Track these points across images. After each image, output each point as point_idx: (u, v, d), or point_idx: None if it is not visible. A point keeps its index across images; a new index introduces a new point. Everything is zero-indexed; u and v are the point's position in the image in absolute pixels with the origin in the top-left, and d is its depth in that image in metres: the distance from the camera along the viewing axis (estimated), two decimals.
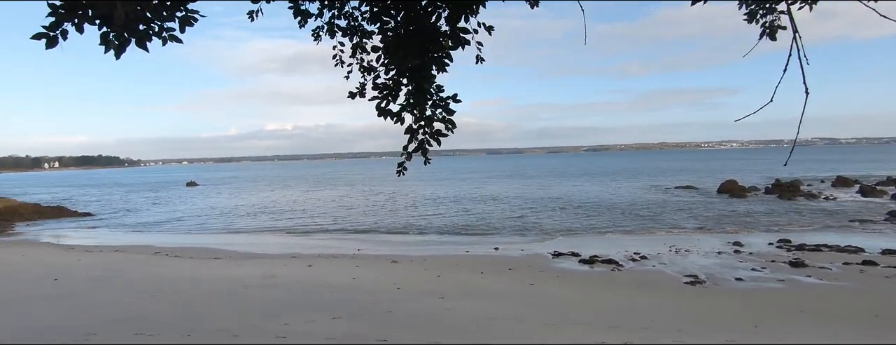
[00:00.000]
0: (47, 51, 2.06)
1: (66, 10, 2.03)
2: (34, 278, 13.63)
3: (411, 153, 3.29)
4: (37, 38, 2.05)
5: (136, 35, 2.22)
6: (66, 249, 20.64)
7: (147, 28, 2.26)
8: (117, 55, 2.23)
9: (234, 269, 15.39)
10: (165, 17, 2.26)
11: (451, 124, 3.09)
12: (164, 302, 10.79)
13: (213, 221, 32.61)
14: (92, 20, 2.09)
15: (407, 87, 3.10)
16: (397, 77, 3.08)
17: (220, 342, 7.79)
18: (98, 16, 2.06)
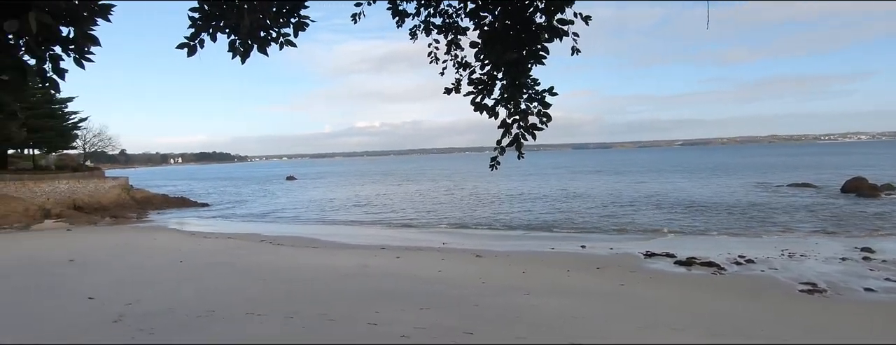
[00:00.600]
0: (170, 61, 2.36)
1: (203, 21, 2.31)
2: (165, 261, 15.54)
3: (504, 148, 3.29)
4: (180, 47, 2.37)
5: (257, 41, 2.46)
6: (188, 235, 23.28)
7: (266, 35, 2.50)
8: (242, 60, 2.50)
9: (330, 258, 16.41)
10: (282, 23, 2.48)
11: (546, 118, 3.05)
12: (270, 286, 11.80)
13: (310, 213, 35.01)
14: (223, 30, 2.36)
15: (502, 81, 3.11)
16: (493, 72, 3.10)
17: (319, 325, 8.37)
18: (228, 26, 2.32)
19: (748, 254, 15.86)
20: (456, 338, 7.57)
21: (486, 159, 3.67)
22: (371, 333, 7.91)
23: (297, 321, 8.63)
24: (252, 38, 2.45)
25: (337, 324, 8.52)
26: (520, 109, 3.11)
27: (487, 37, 2.94)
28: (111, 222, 29.27)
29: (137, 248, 18.49)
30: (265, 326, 8.38)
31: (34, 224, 27.31)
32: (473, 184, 59.56)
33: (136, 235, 23.29)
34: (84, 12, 1.71)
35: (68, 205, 31.58)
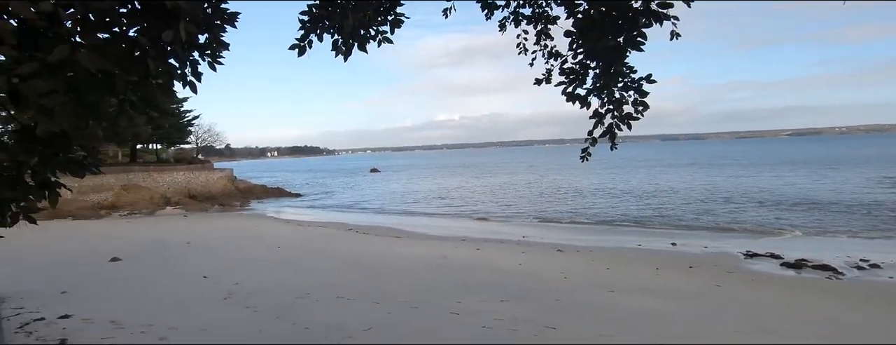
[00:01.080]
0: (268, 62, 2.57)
1: (311, 23, 2.51)
2: (265, 246, 16.94)
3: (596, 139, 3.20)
4: (292, 48, 2.60)
5: (358, 40, 2.62)
6: (284, 222, 25.17)
7: (366, 33, 2.65)
8: (345, 58, 2.68)
9: (412, 248, 16.93)
10: (380, 22, 2.62)
11: (643, 106, 2.92)
12: (358, 273, 12.45)
13: (393, 205, 36.31)
14: (328, 31, 2.55)
15: (595, 70, 3.02)
16: (586, 60, 3.03)
17: (403, 312, 8.72)
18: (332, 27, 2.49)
19: (873, 258, 14.06)
20: (537, 332, 7.53)
21: (567, 152, 3.60)
22: (453, 322, 8.09)
23: (383, 307, 9.05)
24: (353, 37, 2.61)
25: (420, 312, 8.81)
26: (614, 98, 3.00)
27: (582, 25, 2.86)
28: (219, 210, 32.41)
29: (242, 233, 20.32)
30: (354, 310, 8.87)
31: (158, 210, 30.98)
32: (554, 177, 58.25)
33: (240, 221, 25.61)
34: (216, 20, 1.94)
35: (184, 194, 35.39)
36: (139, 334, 6.89)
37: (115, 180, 31.23)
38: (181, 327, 7.39)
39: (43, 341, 6.44)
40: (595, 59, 2.94)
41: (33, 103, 1.43)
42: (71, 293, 9.66)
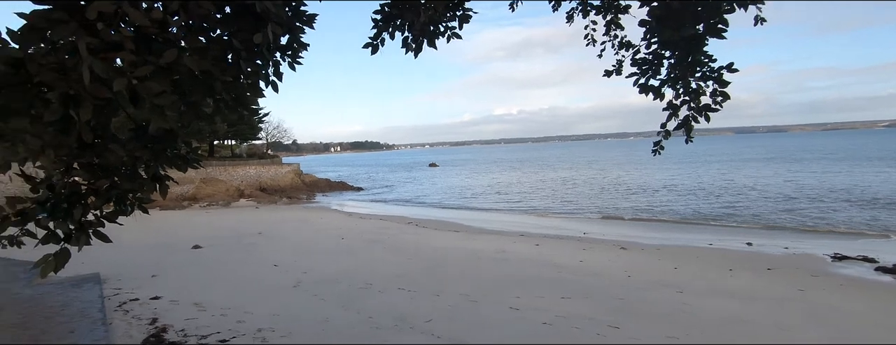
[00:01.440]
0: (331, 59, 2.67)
1: (384, 22, 2.60)
2: (330, 237, 17.66)
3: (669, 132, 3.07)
4: (365, 46, 2.71)
5: (428, 36, 2.68)
6: (347, 215, 26.08)
7: (435, 29, 2.70)
8: (415, 54, 2.75)
9: (470, 242, 17.01)
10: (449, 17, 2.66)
11: (723, 97, 2.75)
12: (418, 265, 12.69)
13: (451, 199, 36.60)
14: (400, 28, 2.63)
15: (669, 60, 2.89)
16: (660, 50, 2.90)
17: (463, 305, 8.80)
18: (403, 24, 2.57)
19: None
20: (600, 330, 7.35)
21: (630, 146, 3.48)
22: (513, 317, 8.08)
23: (443, 300, 9.18)
24: (424, 34, 2.67)
25: (480, 306, 8.86)
26: (690, 88, 2.86)
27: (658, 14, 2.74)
28: (287, 202, 34.11)
29: (308, 225, 21.30)
30: (415, 301, 9.07)
31: (232, 202, 33.09)
32: (617, 172, 56.22)
33: (306, 213, 26.83)
34: (297, 22, 2.06)
35: (256, 187, 37.54)
36: (219, 317, 7.44)
37: (195, 174, 33.65)
38: (256, 311, 7.89)
39: (138, 319, 7.11)
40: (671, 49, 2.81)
41: (148, 102, 1.60)
42: (160, 277, 10.57)
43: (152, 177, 1.93)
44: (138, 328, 6.66)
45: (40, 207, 1.69)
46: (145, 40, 1.64)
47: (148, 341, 6.07)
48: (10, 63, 1.38)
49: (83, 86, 1.41)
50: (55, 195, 1.69)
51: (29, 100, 1.44)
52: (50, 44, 1.47)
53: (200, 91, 1.78)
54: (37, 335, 5.78)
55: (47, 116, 1.43)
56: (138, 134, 1.82)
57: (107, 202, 1.84)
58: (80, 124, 1.48)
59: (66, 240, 1.75)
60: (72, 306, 7.08)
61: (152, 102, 1.57)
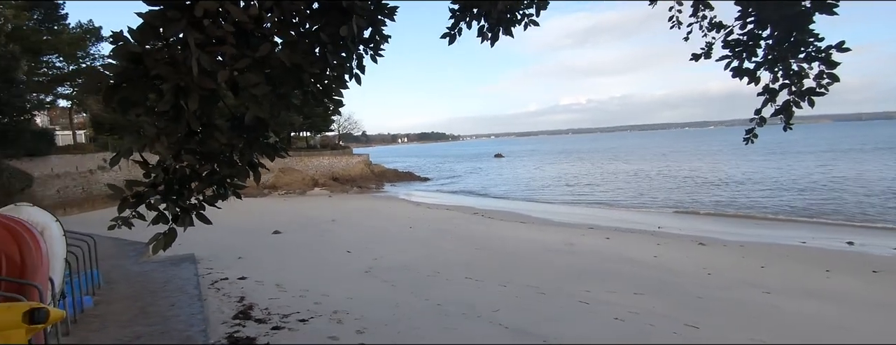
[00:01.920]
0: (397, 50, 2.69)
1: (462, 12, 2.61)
2: (399, 226, 18.14)
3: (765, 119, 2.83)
4: (443, 37, 2.75)
5: (504, 24, 2.66)
6: (415, 205, 26.65)
7: (512, 17, 2.67)
8: (492, 43, 2.74)
9: (537, 233, 16.80)
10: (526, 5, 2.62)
11: (831, 79, 2.48)
12: (485, 255, 12.74)
13: (517, 190, 36.28)
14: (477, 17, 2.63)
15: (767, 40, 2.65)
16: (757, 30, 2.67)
17: (531, 297, 8.73)
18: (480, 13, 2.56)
19: None
20: (677, 329, 7.01)
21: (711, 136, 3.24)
22: (582, 310, 7.90)
23: (510, 290, 9.16)
24: (500, 22, 2.65)
25: (548, 298, 8.74)
26: (792, 71, 2.60)
27: None
28: (358, 191, 35.44)
29: (378, 213, 22.01)
30: (482, 291, 9.12)
31: (307, 190, 34.90)
32: (696, 164, 52.92)
33: (375, 202, 27.74)
34: (379, 15, 2.12)
35: (329, 176, 39.30)
36: (299, 298, 7.90)
37: (274, 164, 35.84)
38: (332, 294, 8.30)
39: (228, 297, 7.73)
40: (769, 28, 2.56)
41: (246, 93, 1.74)
42: (245, 259, 11.39)
43: (248, 164, 2.09)
44: (228, 305, 7.24)
45: (152, 189, 1.89)
46: (243, 35, 1.77)
47: (237, 317, 6.58)
48: (130, 58, 1.55)
49: (191, 78, 1.56)
50: (167, 179, 1.89)
51: (145, 92, 1.61)
52: (163, 40, 1.63)
53: (291, 83, 1.90)
54: (145, 307, 6.46)
55: (160, 107, 1.60)
56: (235, 124, 1.98)
57: (209, 187, 2.03)
58: (188, 113, 1.63)
59: (173, 221, 1.95)
60: (172, 282, 7.83)
61: (249, 93, 1.70)
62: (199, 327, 5.68)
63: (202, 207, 2.05)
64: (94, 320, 5.94)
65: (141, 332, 5.52)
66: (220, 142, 1.87)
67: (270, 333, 6.12)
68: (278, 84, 1.91)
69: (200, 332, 5.49)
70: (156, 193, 1.93)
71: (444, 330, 6.70)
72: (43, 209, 5.76)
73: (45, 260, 4.97)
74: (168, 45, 1.64)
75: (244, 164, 2.08)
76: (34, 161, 20.10)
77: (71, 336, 5.33)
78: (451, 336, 6.39)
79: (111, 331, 5.59)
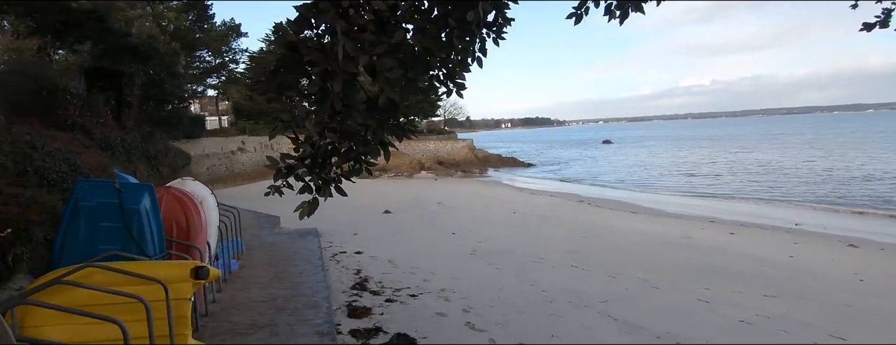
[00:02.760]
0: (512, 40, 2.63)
1: None
2: (502, 210, 18.22)
3: None
4: (569, 17, 2.69)
5: (635, 1, 2.53)
6: (518, 190, 26.51)
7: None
8: (621, 21, 2.62)
9: (650, 224, 15.82)
10: None
11: None
12: (592, 243, 12.33)
13: (627, 178, 34.34)
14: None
15: None
16: None
17: (642, 290, 8.31)
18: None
19: None
20: (818, 338, 6.23)
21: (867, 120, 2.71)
22: (701, 309, 7.35)
23: (619, 282, 8.79)
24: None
25: (661, 292, 8.25)
26: None
27: None
28: (462, 176, 36.15)
29: (481, 197, 22.29)
30: (589, 280, 8.87)
31: (415, 173, 36.39)
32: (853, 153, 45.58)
33: (479, 187, 28.08)
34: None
35: (434, 160, 40.54)
36: (408, 274, 8.36)
37: None
38: (438, 273, 8.66)
39: (346, 269, 8.43)
40: None
41: (382, 76, 1.89)
42: (360, 235, 12.27)
43: (379, 143, 2.27)
44: (347, 276, 7.89)
45: (300, 163, 2.16)
46: (381, 23, 1.91)
47: (354, 288, 7.16)
48: (287, 46, 1.77)
49: (337, 63, 1.73)
50: (313, 153, 2.13)
51: (298, 77, 1.83)
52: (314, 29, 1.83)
53: (420, 67, 2.01)
54: (278, 272, 7.30)
55: (310, 89, 1.80)
56: (369, 106, 2.16)
57: (346, 162, 2.25)
58: (333, 95, 1.82)
59: (316, 191, 2.21)
60: (300, 252, 8.73)
61: (385, 76, 1.84)
62: (323, 293, 6.27)
63: (340, 180, 2.27)
64: (239, 281, 6.85)
65: (276, 294, 6.24)
66: (357, 121, 2.05)
67: (384, 305, 6.57)
68: (409, 68, 2.03)
69: (324, 298, 6.07)
70: (303, 166, 2.19)
71: (549, 317, 6.67)
72: (201, 183, 6.73)
73: (204, 227, 5.82)
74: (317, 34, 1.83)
75: (376, 142, 2.26)
76: (190, 142, 23.41)
77: (222, 293, 6.21)
78: (557, 323, 6.34)
79: (252, 291, 6.40)
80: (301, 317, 5.41)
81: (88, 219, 4.62)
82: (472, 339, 5.63)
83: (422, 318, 6.14)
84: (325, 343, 4.72)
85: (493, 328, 6.04)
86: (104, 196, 4.69)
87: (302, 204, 2.26)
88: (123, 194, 4.71)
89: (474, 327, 6.00)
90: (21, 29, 13.90)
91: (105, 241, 4.58)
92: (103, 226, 4.64)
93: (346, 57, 1.73)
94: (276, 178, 2.19)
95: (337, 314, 5.84)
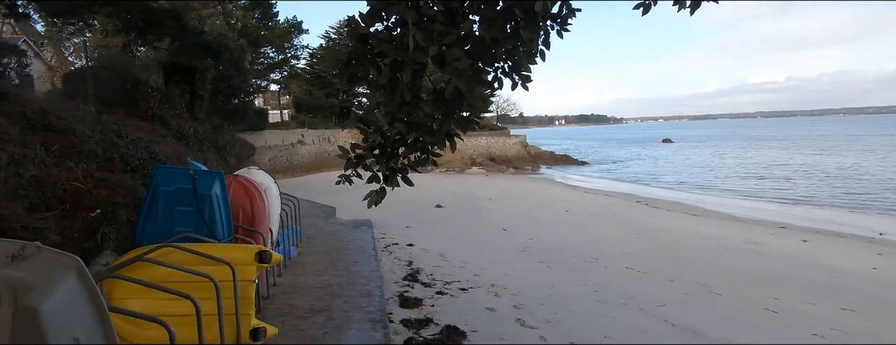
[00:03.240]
0: None
1: None
2: (554, 208, 17.91)
3: None
4: (636, 7, 2.61)
5: None
6: (571, 188, 25.95)
7: None
8: (692, 11, 2.51)
9: (711, 228, 15.05)
10: None
11: None
12: (648, 245, 11.88)
13: (687, 178, 32.77)
14: None
15: None
16: None
17: (704, 296, 7.93)
18: None
19: None
20: None
21: None
22: (768, 319, 6.91)
23: (678, 286, 8.43)
24: None
25: (724, 300, 7.85)
26: None
27: None
28: (513, 172, 35.83)
29: (533, 194, 22.01)
30: (645, 283, 8.56)
31: (466, 169, 36.45)
32: None
33: (531, 184, 27.74)
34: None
35: (486, 156, 40.40)
36: (459, 268, 8.41)
37: None
38: (489, 268, 8.65)
39: (398, 260, 8.60)
40: None
41: (450, 66, 1.91)
42: (412, 228, 12.46)
43: (446, 134, 2.31)
44: (399, 267, 8.05)
45: (369, 152, 2.23)
46: (450, 13, 1.93)
47: (406, 279, 7.30)
48: (359, 39, 1.83)
49: (407, 53, 1.77)
50: (383, 143, 2.20)
51: (368, 68, 1.88)
52: (385, 21, 1.88)
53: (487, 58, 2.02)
54: (334, 260, 7.56)
55: (380, 80, 1.86)
56: (436, 97, 2.19)
57: (413, 152, 2.30)
58: (402, 85, 1.86)
59: (384, 181, 2.27)
60: (354, 242, 8.99)
61: (453, 66, 1.86)
62: (376, 283, 6.43)
63: (407, 170, 2.33)
64: (298, 267, 7.15)
65: (332, 281, 6.47)
66: (425, 112, 2.09)
67: (435, 297, 6.65)
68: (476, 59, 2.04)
69: (377, 287, 6.23)
70: (371, 156, 2.26)
71: (602, 317, 6.51)
72: (265, 172, 7.07)
73: (268, 213, 6.12)
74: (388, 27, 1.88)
75: (442, 133, 2.29)
76: (254, 134, 24.63)
77: (282, 278, 6.51)
78: (611, 324, 6.18)
79: (310, 277, 6.67)
80: (355, 304, 5.58)
81: (166, 203, 4.97)
82: (523, 335, 5.60)
83: (472, 312, 6.17)
84: (379, 331, 4.84)
85: (544, 326, 5.97)
86: (180, 182, 5.03)
87: (370, 193, 2.33)
88: (197, 181, 5.03)
89: (524, 324, 5.96)
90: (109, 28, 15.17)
91: (180, 223, 4.91)
92: (179, 210, 4.99)
93: (415, 47, 1.77)
94: (346, 167, 2.28)
95: (389, 303, 5.97)
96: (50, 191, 5.45)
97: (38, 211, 5.19)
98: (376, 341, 4.61)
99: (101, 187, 5.94)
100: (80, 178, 5.87)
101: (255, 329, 4.42)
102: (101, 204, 5.58)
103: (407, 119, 2.11)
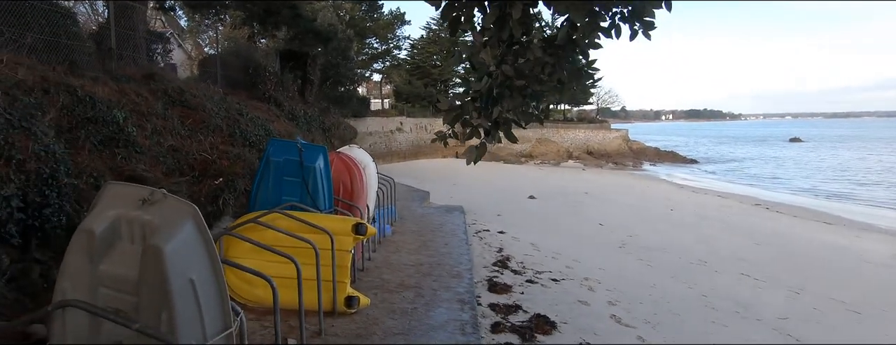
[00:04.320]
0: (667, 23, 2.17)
1: None
2: (657, 206, 16.68)
3: None
4: None
5: None
6: (678, 187, 24.00)
7: None
8: None
9: (848, 238, 13.06)
10: None
11: None
12: (767, 252, 10.59)
13: (818, 182, 28.78)
14: None
15: None
16: None
17: (837, 313, 6.88)
18: None
19: None
20: None
21: None
22: None
23: (805, 299, 7.41)
24: None
25: (864, 319, 6.75)
26: None
27: None
28: (612, 167, 34.02)
29: (633, 191, 20.70)
30: (763, 293, 7.64)
31: (561, 162, 35.33)
32: None
33: (632, 180, 26.12)
34: None
35: (583, 150, 38.81)
36: (551, 259, 8.11)
37: (532, 134, 37.36)
38: (582, 260, 8.24)
39: (488, 246, 8.50)
40: None
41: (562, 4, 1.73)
42: (503, 216, 12.29)
43: (558, 80, 2.13)
44: (489, 252, 7.95)
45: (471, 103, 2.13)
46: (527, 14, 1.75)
47: (496, 264, 7.18)
48: None
49: None
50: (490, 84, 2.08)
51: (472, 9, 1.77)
52: None
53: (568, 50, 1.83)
54: (426, 241, 7.66)
55: (486, 22, 1.73)
56: (547, 44, 2.02)
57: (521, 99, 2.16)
58: (513, 22, 1.73)
59: (484, 135, 2.17)
60: (446, 226, 9.05)
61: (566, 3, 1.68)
62: (466, 265, 6.39)
63: (510, 124, 2.20)
64: (391, 245, 7.35)
65: (423, 261, 6.55)
66: (535, 54, 1.93)
67: (525, 285, 6.46)
68: None
69: (467, 270, 6.18)
70: (474, 110, 2.16)
71: (711, 324, 5.89)
72: (365, 151, 7.33)
73: (365, 190, 6.33)
74: None
75: (553, 81, 2.12)
76: (357, 120, 25.92)
77: (376, 253, 6.72)
78: (720, 332, 5.57)
79: (402, 255, 6.81)
80: (444, 284, 5.58)
81: (276, 172, 5.32)
82: (619, 333, 5.23)
83: (563, 303, 5.89)
84: (467, 312, 4.79)
85: (642, 326, 5.53)
86: (288, 153, 5.35)
87: (469, 148, 2.23)
88: (303, 153, 5.31)
89: (620, 322, 5.57)
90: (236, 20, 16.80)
91: (287, 192, 5.23)
92: (287, 180, 5.31)
93: None
94: (445, 119, 2.20)
95: (477, 287, 5.90)
96: (183, 159, 6.11)
97: (173, 176, 5.84)
98: (465, 320, 4.56)
99: (224, 158, 6.54)
100: (207, 149, 6.52)
101: (350, 297, 4.59)
102: (224, 173, 6.15)
103: (515, 64, 1.96)
